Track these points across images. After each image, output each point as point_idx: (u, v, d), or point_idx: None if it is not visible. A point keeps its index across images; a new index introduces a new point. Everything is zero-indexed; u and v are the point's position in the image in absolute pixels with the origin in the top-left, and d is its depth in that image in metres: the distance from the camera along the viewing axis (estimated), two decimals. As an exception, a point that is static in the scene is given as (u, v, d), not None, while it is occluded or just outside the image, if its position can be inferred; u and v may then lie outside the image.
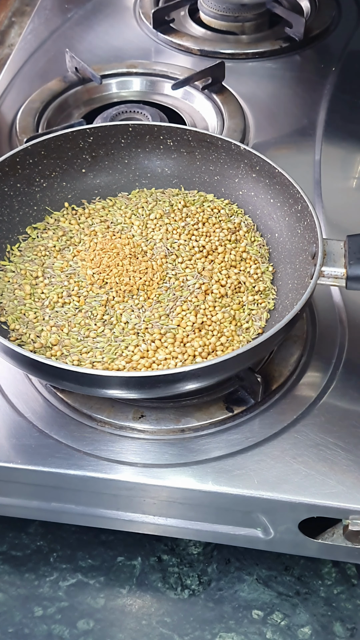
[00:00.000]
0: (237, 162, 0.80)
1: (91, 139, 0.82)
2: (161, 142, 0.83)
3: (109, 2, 1.27)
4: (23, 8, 1.41)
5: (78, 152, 0.82)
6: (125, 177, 0.84)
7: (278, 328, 0.62)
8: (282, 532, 0.68)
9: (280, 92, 1.10)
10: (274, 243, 0.78)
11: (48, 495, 0.71)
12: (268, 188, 0.79)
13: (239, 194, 0.82)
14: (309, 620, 0.70)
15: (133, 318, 0.70)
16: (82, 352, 0.68)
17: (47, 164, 0.81)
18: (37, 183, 0.81)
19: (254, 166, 0.79)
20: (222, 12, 1.20)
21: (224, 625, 0.70)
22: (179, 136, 0.82)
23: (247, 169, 0.80)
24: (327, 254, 0.68)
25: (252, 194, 0.81)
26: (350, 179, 0.98)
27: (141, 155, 0.84)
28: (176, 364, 0.67)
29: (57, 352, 0.68)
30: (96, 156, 0.83)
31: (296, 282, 0.72)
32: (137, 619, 0.71)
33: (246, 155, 0.79)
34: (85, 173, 0.83)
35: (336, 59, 1.14)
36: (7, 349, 0.62)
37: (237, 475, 0.66)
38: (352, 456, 0.67)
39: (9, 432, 0.69)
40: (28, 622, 0.70)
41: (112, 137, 0.82)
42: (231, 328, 0.70)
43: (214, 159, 0.82)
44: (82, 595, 0.72)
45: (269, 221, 0.79)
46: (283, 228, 0.77)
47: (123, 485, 0.67)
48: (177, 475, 0.66)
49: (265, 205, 0.80)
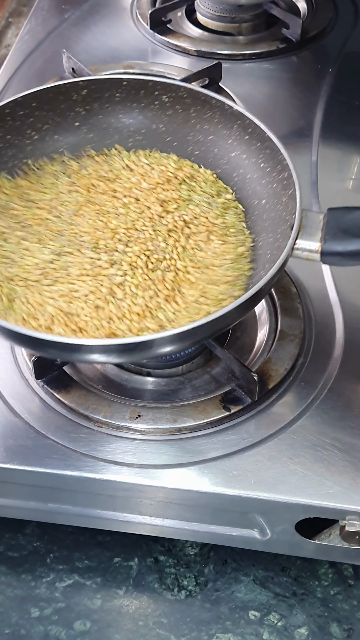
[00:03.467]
0: (231, 123, 0.79)
1: (85, 92, 0.81)
2: (156, 97, 0.81)
3: (106, 3, 1.27)
4: (20, 9, 1.41)
5: (71, 105, 0.81)
6: (119, 133, 0.83)
7: (241, 301, 0.61)
8: (279, 532, 0.68)
9: (277, 93, 1.10)
10: (260, 209, 0.76)
11: (44, 496, 0.71)
12: (259, 152, 0.77)
13: (231, 156, 0.80)
14: (306, 621, 0.70)
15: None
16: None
17: (38, 116, 0.80)
18: (28, 135, 0.80)
19: (247, 128, 0.77)
20: (219, 13, 1.20)
21: (221, 626, 0.70)
22: (174, 92, 0.81)
23: (239, 130, 0.79)
24: (304, 227, 0.66)
25: (244, 156, 0.79)
26: (347, 180, 0.98)
27: (136, 111, 0.82)
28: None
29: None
30: (90, 109, 0.82)
31: (275, 252, 0.69)
32: (134, 619, 0.70)
33: (239, 116, 0.77)
34: (78, 127, 0.82)
35: (333, 60, 1.14)
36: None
37: (234, 475, 0.66)
38: (349, 457, 0.67)
39: (5, 432, 0.69)
40: (24, 623, 0.70)
41: (106, 90, 0.81)
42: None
43: (208, 118, 0.80)
44: (79, 596, 0.72)
45: (258, 186, 0.77)
46: (270, 195, 0.75)
47: (120, 486, 0.67)
48: (174, 475, 0.66)
49: (255, 170, 0.78)
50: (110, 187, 0.78)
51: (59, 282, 0.69)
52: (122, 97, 0.82)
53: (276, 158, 0.74)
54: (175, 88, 0.81)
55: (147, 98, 0.82)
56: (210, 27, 1.21)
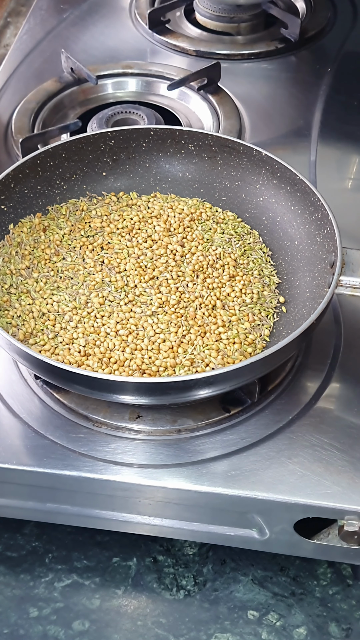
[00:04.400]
0: (259, 168, 0.80)
1: (112, 142, 0.82)
2: (182, 146, 0.83)
3: (104, 3, 1.27)
4: (19, 8, 1.41)
5: (99, 155, 0.82)
6: (146, 181, 0.84)
7: (293, 337, 0.62)
8: (277, 532, 0.68)
9: (275, 93, 1.10)
10: (293, 250, 0.78)
11: (43, 496, 0.71)
12: (289, 195, 0.79)
13: (259, 200, 0.81)
14: (305, 620, 0.71)
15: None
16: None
17: (67, 166, 0.81)
18: (58, 185, 0.81)
19: (275, 172, 0.79)
20: (218, 13, 1.20)
21: (220, 626, 0.70)
22: (200, 141, 0.82)
23: (268, 175, 0.80)
24: (346, 264, 0.69)
25: (273, 200, 0.81)
26: (345, 179, 0.98)
27: (162, 160, 0.84)
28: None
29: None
30: (117, 159, 0.83)
31: (314, 290, 0.72)
32: (133, 619, 0.70)
33: (267, 161, 0.79)
34: (105, 176, 0.84)
35: (332, 60, 1.14)
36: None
37: (232, 475, 0.66)
38: (347, 457, 0.67)
39: (4, 432, 0.69)
40: (23, 623, 0.70)
41: (133, 140, 0.82)
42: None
43: (235, 165, 0.82)
44: (78, 596, 0.72)
45: (289, 228, 0.79)
46: (303, 236, 0.77)
47: (119, 486, 0.67)
48: (172, 475, 0.66)
49: (285, 212, 0.79)
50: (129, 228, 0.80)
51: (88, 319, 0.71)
52: (148, 146, 0.83)
53: (308, 199, 0.75)
54: (202, 136, 0.82)
55: (173, 147, 0.83)
56: (209, 27, 1.21)
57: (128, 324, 0.70)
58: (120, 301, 0.72)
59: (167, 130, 0.82)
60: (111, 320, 0.71)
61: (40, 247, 0.77)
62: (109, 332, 0.70)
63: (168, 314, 0.71)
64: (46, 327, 0.70)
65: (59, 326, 0.70)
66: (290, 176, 0.77)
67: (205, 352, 0.69)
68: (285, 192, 0.79)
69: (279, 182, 0.79)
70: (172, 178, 0.84)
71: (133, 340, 0.69)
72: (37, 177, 0.79)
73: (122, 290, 0.73)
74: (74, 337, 0.69)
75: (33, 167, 0.78)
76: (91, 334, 0.69)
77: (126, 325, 0.70)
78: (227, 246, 0.78)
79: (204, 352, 0.69)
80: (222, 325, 0.71)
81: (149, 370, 0.67)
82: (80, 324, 0.71)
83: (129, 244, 0.78)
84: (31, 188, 0.79)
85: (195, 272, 0.75)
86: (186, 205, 0.82)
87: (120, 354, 0.68)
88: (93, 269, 0.75)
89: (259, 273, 0.76)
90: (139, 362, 0.67)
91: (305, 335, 0.63)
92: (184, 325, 0.70)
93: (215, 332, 0.70)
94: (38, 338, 0.70)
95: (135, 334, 0.70)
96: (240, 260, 0.77)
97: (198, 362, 0.68)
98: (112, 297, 0.73)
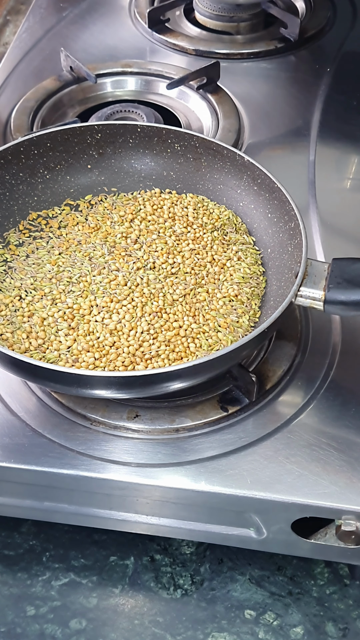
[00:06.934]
0: (241, 173, 0.80)
1: (99, 136, 0.82)
2: (169, 145, 0.83)
3: (104, 2, 1.27)
4: (18, 7, 1.41)
5: (85, 148, 0.82)
6: (130, 177, 0.84)
7: (243, 342, 0.62)
8: (275, 532, 0.68)
9: (275, 92, 1.10)
10: (266, 259, 0.78)
11: (41, 495, 0.71)
12: (267, 202, 0.78)
13: (239, 206, 0.82)
14: (302, 620, 0.71)
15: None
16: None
17: (52, 156, 0.81)
18: (41, 174, 0.81)
19: (256, 179, 0.79)
20: (218, 12, 1.20)
21: (217, 625, 0.70)
22: (186, 141, 0.82)
23: (249, 180, 0.80)
24: (309, 275, 0.68)
25: (252, 206, 0.81)
26: (344, 179, 0.98)
27: (148, 157, 0.84)
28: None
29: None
30: (103, 153, 0.83)
31: (278, 299, 0.71)
32: (130, 618, 0.71)
33: (249, 167, 0.78)
34: (90, 169, 0.83)
35: (331, 60, 1.14)
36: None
37: (230, 475, 0.66)
38: (345, 456, 0.67)
39: (2, 431, 0.69)
40: (20, 622, 0.70)
41: (120, 135, 0.82)
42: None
43: (219, 168, 0.82)
44: (75, 595, 0.72)
45: (265, 236, 0.79)
46: (276, 244, 0.77)
47: (116, 484, 0.67)
48: (170, 475, 0.66)
49: (262, 220, 0.79)
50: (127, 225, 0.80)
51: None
52: (135, 143, 0.83)
53: (284, 208, 0.75)
54: (188, 137, 0.82)
55: (159, 145, 0.83)
56: (209, 26, 1.21)
57: (80, 310, 0.71)
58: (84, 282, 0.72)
59: (154, 128, 0.82)
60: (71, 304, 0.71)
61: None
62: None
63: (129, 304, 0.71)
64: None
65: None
66: (269, 183, 0.76)
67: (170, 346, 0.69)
68: (264, 200, 0.79)
69: (259, 188, 0.79)
70: (156, 176, 0.84)
71: (81, 328, 0.69)
72: (19, 164, 0.79)
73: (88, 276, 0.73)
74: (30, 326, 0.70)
75: (16, 153, 0.78)
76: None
77: (73, 314, 0.70)
78: (225, 245, 0.78)
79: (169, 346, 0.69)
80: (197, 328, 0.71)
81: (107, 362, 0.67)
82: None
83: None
84: (13, 174, 0.79)
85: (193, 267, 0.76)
86: (189, 197, 0.82)
87: (80, 339, 0.68)
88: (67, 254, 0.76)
89: (251, 274, 0.76)
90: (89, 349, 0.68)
91: (253, 343, 0.63)
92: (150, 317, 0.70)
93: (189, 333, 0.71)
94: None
95: (83, 321, 0.70)
96: (229, 264, 0.77)
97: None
98: (76, 281, 0.73)
